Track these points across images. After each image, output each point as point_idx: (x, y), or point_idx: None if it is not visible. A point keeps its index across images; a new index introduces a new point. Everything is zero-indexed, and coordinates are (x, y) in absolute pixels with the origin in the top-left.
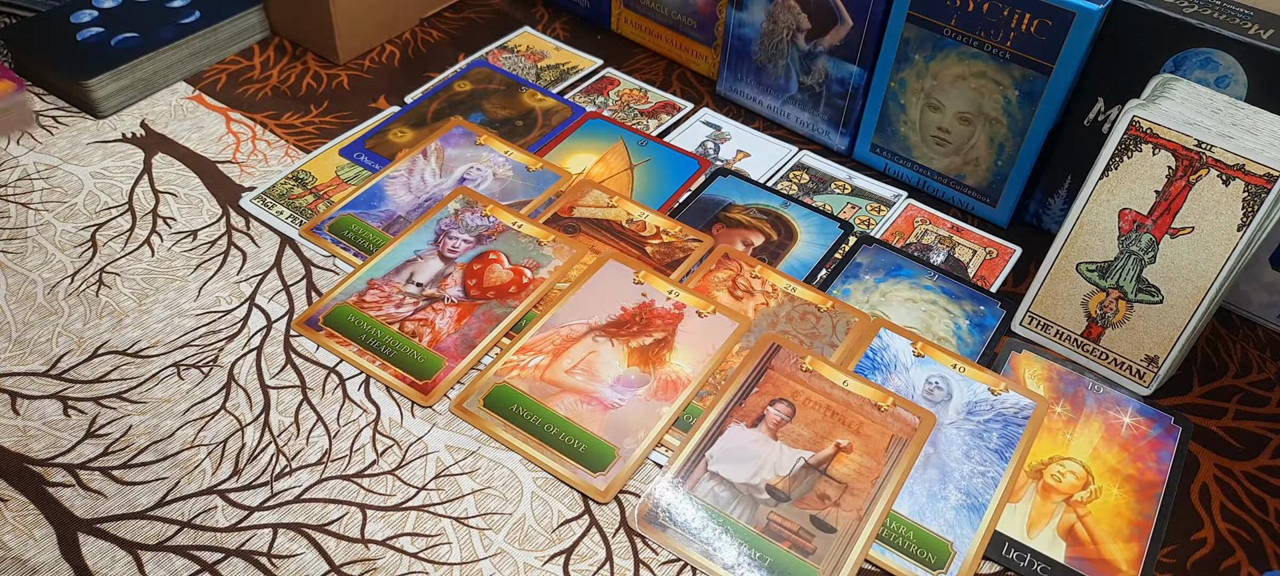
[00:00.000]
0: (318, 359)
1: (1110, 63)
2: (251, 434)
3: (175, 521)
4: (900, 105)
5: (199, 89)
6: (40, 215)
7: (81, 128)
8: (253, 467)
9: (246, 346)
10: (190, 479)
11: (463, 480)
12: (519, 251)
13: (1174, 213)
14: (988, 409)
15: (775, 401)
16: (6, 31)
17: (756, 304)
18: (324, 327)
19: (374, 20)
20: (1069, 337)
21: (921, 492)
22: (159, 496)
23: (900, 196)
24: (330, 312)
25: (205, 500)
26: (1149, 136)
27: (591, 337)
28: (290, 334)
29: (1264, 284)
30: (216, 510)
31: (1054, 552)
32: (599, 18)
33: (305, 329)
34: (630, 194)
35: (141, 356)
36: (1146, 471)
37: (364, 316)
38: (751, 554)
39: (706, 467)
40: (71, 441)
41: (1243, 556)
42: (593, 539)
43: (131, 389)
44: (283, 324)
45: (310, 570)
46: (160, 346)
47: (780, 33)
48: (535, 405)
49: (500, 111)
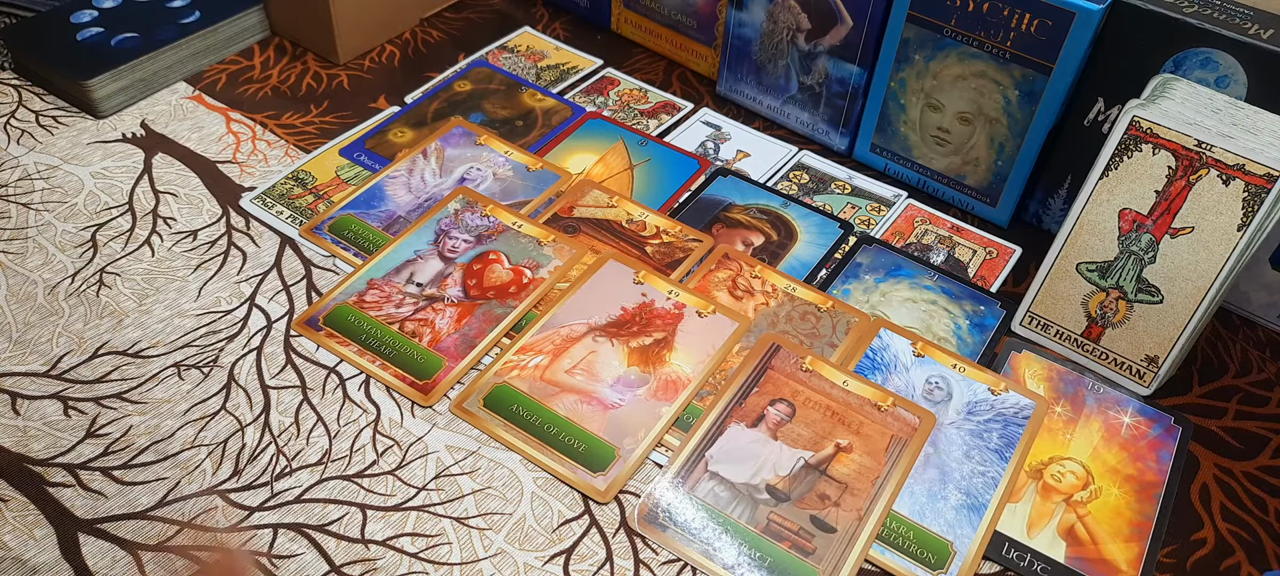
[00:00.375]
0: (318, 359)
1: (1110, 63)
2: (252, 434)
3: (175, 522)
4: (900, 105)
5: (199, 89)
6: (40, 215)
7: (81, 128)
8: (253, 468)
9: (247, 346)
10: (190, 479)
11: (463, 480)
12: (519, 251)
13: (1174, 213)
14: (988, 409)
15: (775, 401)
16: (6, 31)
17: (756, 304)
18: (324, 328)
19: (374, 20)
20: (1069, 337)
21: (921, 492)
22: (159, 496)
23: (900, 196)
24: (330, 313)
25: (205, 500)
26: (1149, 136)
27: (591, 337)
28: (290, 334)
29: (1264, 284)
30: (217, 510)
31: (1054, 552)
32: (599, 18)
33: (305, 329)
34: (630, 194)
35: (142, 356)
36: (1146, 471)
37: (364, 316)
38: (751, 554)
39: (706, 467)
40: (72, 441)
41: (1243, 556)
42: (593, 539)
43: (132, 389)
44: (283, 324)
45: (310, 570)
46: (160, 346)
47: (780, 33)
48: (535, 405)
49: (500, 111)
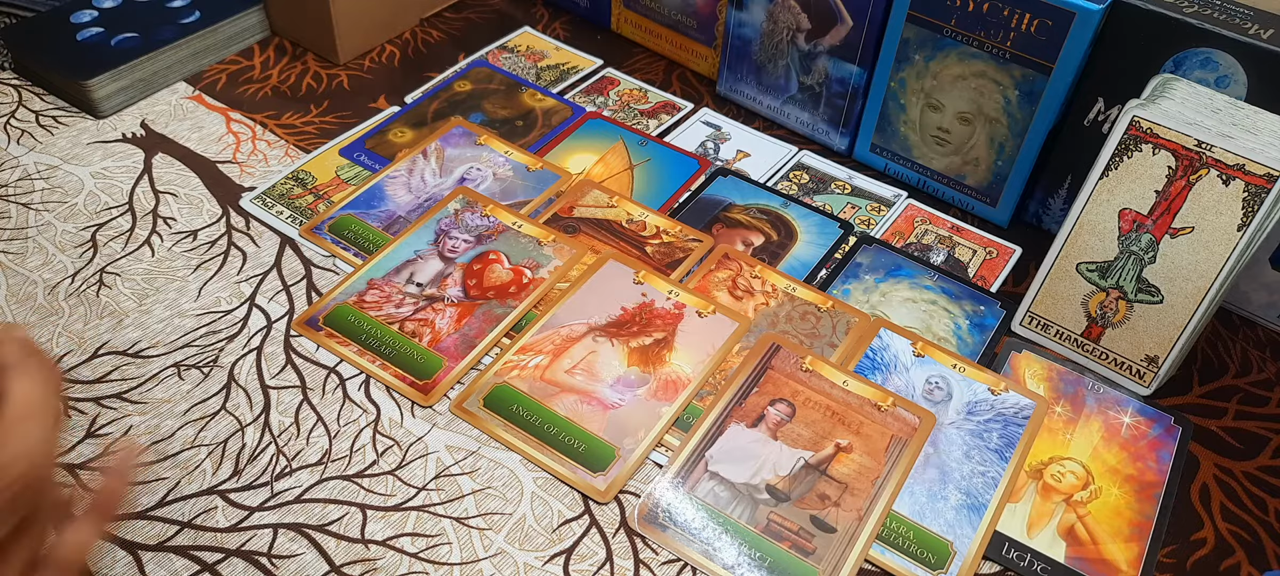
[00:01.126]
0: (318, 359)
1: (1110, 63)
2: (252, 434)
3: (175, 521)
4: (900, 105)
5: (199, 89)
6: (41, 215)
7: (81, 128)
8: (253, 468)
9: (246, 346)
10: (190, 479)
11: (463, 480)
12: (519, 251)
13: (1174, 213)
14: (988, 409)
15: (775, 401)
16: (6, 31)
17: (756, 304)
18: (324, 328)
19: (374, 20)
20: (1069, 337)
21: (921, 492)
22: (159, 496)
23: (900, 196)
24: (330, 313)
25: (205, 500)
26: (1149, 136)
27: (591, 338)
28: (290, 334)
29: (1264, 284)
30: (217, 510)
31: (1054, 552)
32: (599, 18)
33: (305, 329)
34: (630, 194)
35: (142, 357)
36: (1146, 471)
37: (364, 316)
38: (751, 554)
39: (706, 467)
40: (71, 441)
41: (1243, 556)
42: (593, 539)
43: (132, 389)
44: (283, 324)
45: (310, 570)
46: (160, 347)
47: (780, 33)
48: (535, 405)
49: (500, 111)
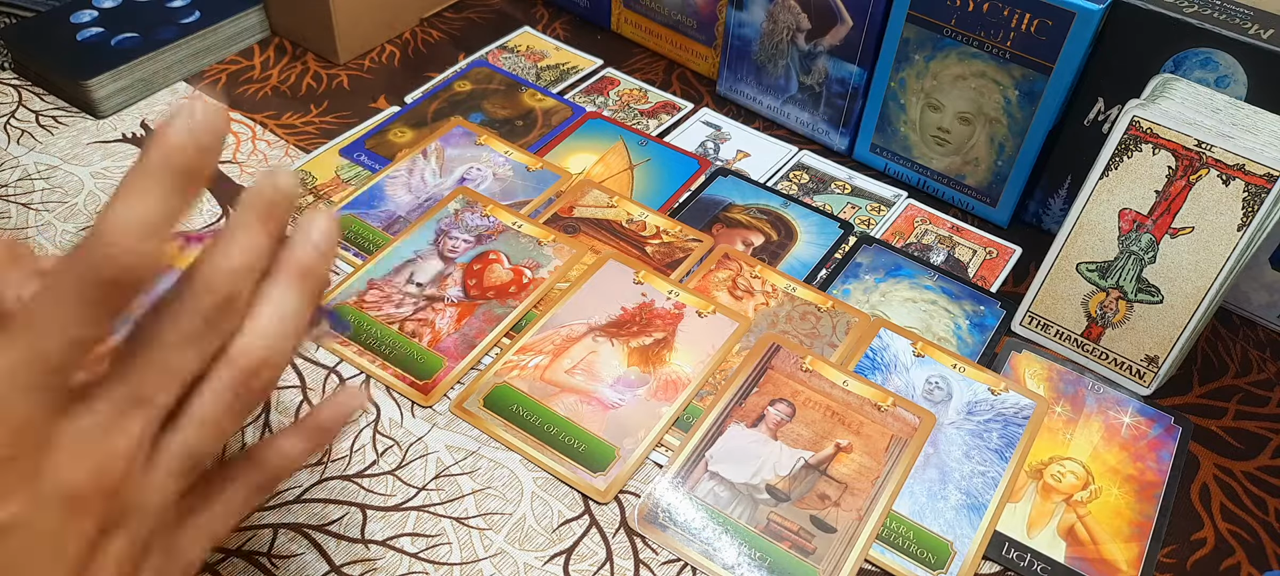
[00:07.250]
0: (317, 359)
1: (1110, 63)
2: (251, 434)
3: None
4: (900, 105)
5: (199, 89)
6: (41, 215)
7: (81, 128)
8: None
9: None
10: None
11: (463, 480)
12: (519, 251)
13: (1174, 213)
14: (988, 409)
15: (775, 401)
16: (6, 31)
17: (756, 304)
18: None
19: (374, 20)
20: (1069, 337)
21: (921, 492)
22: None
23: (900, 196)
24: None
25: None
26: (1149, 136)
27: (591, 338)
28: None
29: (1264, 284)
30: None
31: (1054, 552)
32: (599, 18)
33: None
34: (630, 194)
35: None
36: (1146, 471)
37: (364, 316)
38: (751, 554)
39: (706, 467)
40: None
41: (1243, 556)
42: (593, 539)
43: None
44: None
45: (310, 570)
46: None
47: (780, 33)
48: (535, 405)
49: (500, 111)
